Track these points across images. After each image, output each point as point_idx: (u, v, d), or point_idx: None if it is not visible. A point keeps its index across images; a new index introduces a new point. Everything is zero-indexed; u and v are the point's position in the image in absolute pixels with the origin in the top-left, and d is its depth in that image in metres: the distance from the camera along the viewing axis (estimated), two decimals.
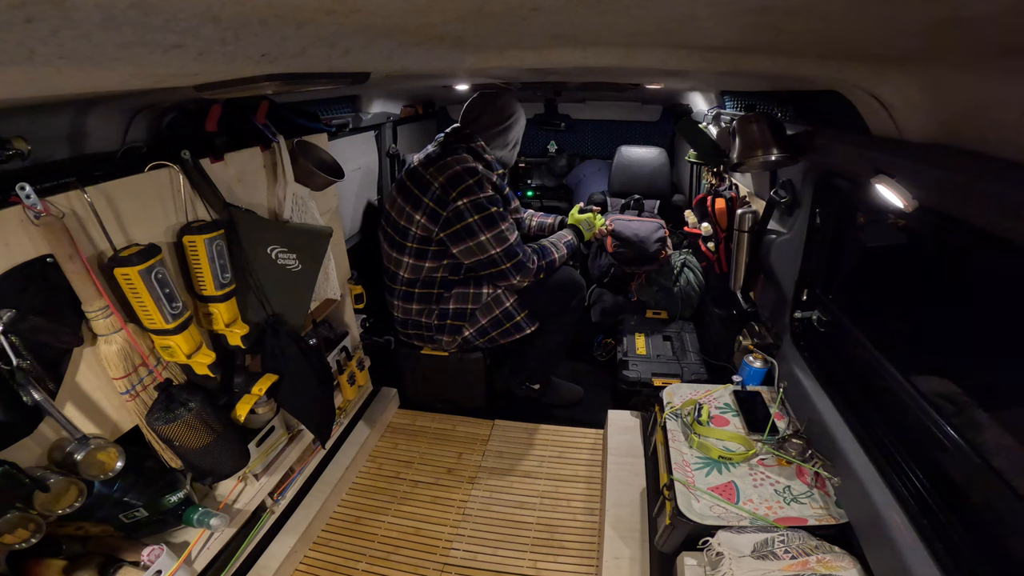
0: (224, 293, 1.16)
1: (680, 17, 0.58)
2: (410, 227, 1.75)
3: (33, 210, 0.84)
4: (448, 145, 1.78)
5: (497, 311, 1.87)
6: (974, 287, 1.04)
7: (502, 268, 1.74)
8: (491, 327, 1.89)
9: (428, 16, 0.56)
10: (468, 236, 1.69)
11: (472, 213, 1.66)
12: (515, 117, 1.88)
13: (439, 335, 1.92)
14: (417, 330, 1.95)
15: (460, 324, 1.90)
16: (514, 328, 1.90)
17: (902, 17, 0.51)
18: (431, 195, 1.68)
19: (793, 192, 1.46)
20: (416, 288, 1.86)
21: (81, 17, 0.36)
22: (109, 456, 0.98)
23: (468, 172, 1.67)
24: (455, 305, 1.87)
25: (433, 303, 1.89)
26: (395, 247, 1.83)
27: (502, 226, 1.70)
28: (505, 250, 1.72)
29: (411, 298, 1.89)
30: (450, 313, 1.88)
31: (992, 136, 0.75)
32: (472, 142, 1.80)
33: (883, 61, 0.79)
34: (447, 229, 1.70)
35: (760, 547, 1.07)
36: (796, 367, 1.45)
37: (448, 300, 1.88)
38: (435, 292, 1.87)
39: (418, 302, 1.89)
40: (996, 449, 0.89)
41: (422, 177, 1.71)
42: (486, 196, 1.68)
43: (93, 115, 1.04)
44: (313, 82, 0.87)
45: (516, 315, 1.88)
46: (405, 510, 1.75)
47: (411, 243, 1.77)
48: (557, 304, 1.92)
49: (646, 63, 0.95)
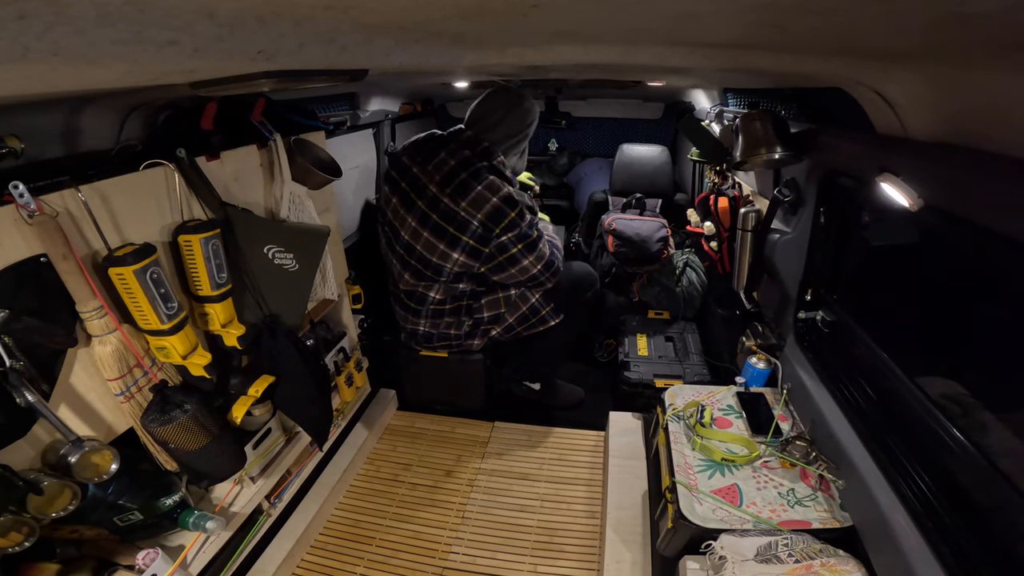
0: (220, 293, 1.15)
1: (682, 13, 0.57)
2: (445, 264, 1.67)
3: (27, 209, 0.83)
4: (468, 163, 1.61)
5: (524, 308, 1.87)
6: (981, 287, 1.03)
7: (541, 280, 1.76)
8: (517, 323, 1.89)
9: (428, 12, 0.55)
10: (511, 265, 1.68)
11: (516, 243, 1.64)
12: (535, 123, 1.81)
13: (469, 340, 1.91)
14: (445, 342, 1.92)
15: (491, 327, 1.90)
16: (539, 322, 1.89)
17: (907, 14, 0.50)
18: (471, 234, 1.60)
19: (797, 191, 1.44)
20: (447, 305, 1.82)
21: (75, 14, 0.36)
22: (103, 458, 0.98)
23: (507, 203, 1.58)
24: (489, 312, 1.85)
25: (463, 315, 1.86)
26: (422, 278, 1.75)
27: (540, 245, 1.70)
28: (545, 265, 1.73)
29: (441, 315, 1.85)
30: (484, 320, 1.87)
31: (999, 134, 0.74)
32: (492, 158, 1.65)
33: (888, 58, 0.78)
34: (489, 263, 1.68)
35: (764, 551, 1.06)
36: (800, 368, 1.43)
37: (480, 309, 1.85)
38: (464, 304, 1.84)
39: (448, 316, 1.85)
40: (1003, 451, 0.88)
41: (455, 214, 1.59)
42: (527, 224, 1.64)
43: (87, 113, 1.03)
44: (310, 79, 0.86)
45: (542, 309, 1.88)
46: (404, 513, 1.74)
47: (446, 278, 1.72)
48: (572, 298, 1.92)
49: (648, 60, 0.94)
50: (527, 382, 2.20)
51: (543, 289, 1.84)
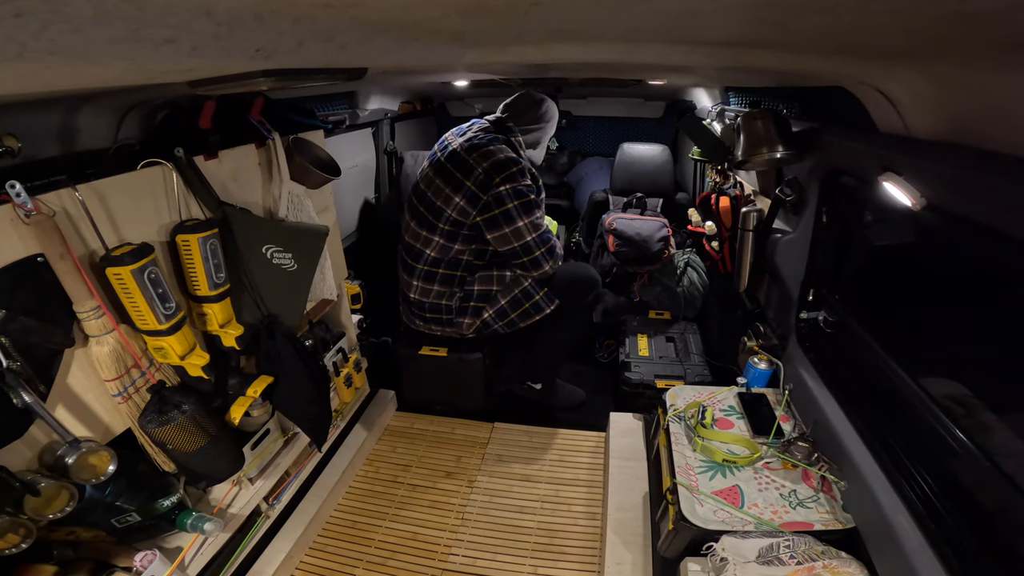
0: (218, 293, 1.14)
1: (683, 12, 0.57)
2: (446, 208, 1.76)
3: (23, 208, 0.82)
4: (487, 131, 1.84)
5: (516, 291, 1.88)
6: (983, 287, 1.02)
7: (535, 255, 1.78)
8: (511, 308, 1.89)
9: (427, 10, 0.54)
10: (506, 222, 1.72)
11: (513, 199, 1.70)
12: (553, 121, 1.96)
13: (459, 317, 1.91)
14: (436, 313, 1.93)
15: (482, 306, 1.90)
16: (534, 308, 1.89)
17: (908, 12, 0.50)
18: (474, 179, 1.71)
19: (799, 190, 1.44)
20: (440, 269, 1.86)
21: (72, 12, 0.36)
22: (101, 459, 0.97)
23: (512, 160, 1.72)
24: (480, 287, 1.88)
25: (455, 286, 1.89)
26: (425, 225, 1.83)
27: (537, 213, 1.76)
28: (540, 236, 1.77)
29: (433, 279, 1.88)
30: (474, 295, 1.89)
31: (1002, 133, 0.74)
32: (511, 136, 1.85)
33: (890, 57, 0.78)
34: (485, 213, 1.73)
35: (765, 552, 1.05)
36: (802, 369, 1.43)
37: (472, 283, 1.89)
38: (459, 275, 1.87)
39: (440, 284, 1.88)
40: (1006, 452, 0.87)
41: (465, 161, 1.74)
42: (526, 184, 1.73)
43: (85, 112, 1.02)
44: (309, 78, 0.86)
45: (536, 294, 1.88)
46: (403, 514, 1.73)
47: (444, 224, 1.78)
48: (572, 298, 1.91)
49: (649, 59, 0.94)
50: (529, 382, 2.19)
51: (540, 272, 1.84)
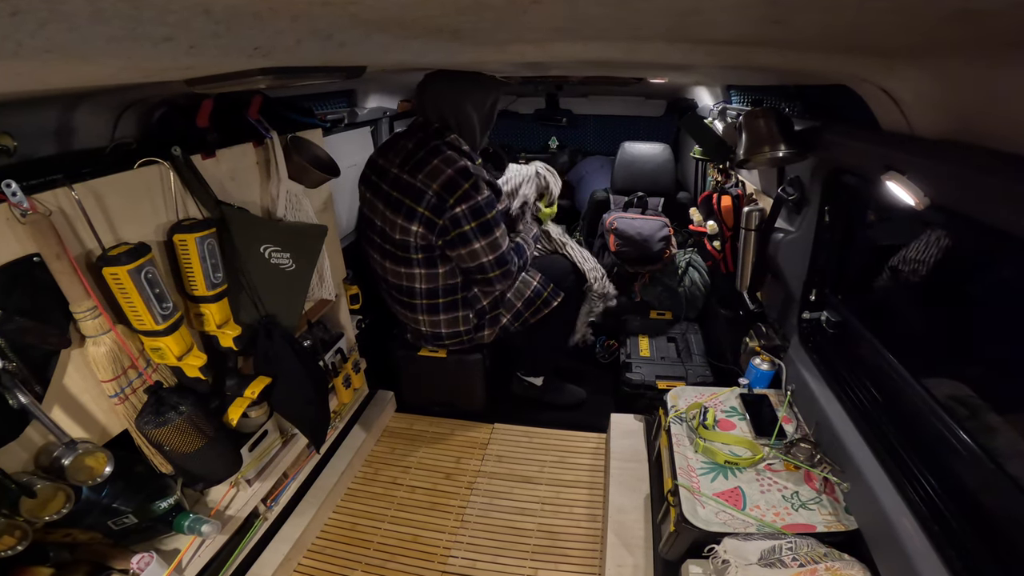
0: (216, 293, 1.14)
1: (685, 10, 0.56)
2: (408, 239, 1.66)
3: (19, 208, 0.82)
4: (423, 143, 1.64)
5: (528, 292, 1.89)
6: (987, 286, 1.02)
7: (490, 276, 1.72)
8: (524, 308, 1.89)
9: (427, 8, 0.54)
10: (462, 244, 1.63)
11: (469, 220, 1.60)
12: (497, 102, 1.78)
13: (480, 332, 1.90)
14: (455, 339, 1.90)
15: (498, 313, 1.90)
16: (543, 304, 1.90)
17: (911, 10, 0.50)
18: (426, 204, 1.58)
19: (801, 189, 1.43)
20: (439, 299, 1.80)
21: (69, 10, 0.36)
22: (97, 461, 0.97)
23: (461, 175, 1.57)
24: (487, 298, 1.86)
25: (461, 309, 1.84)
26: (400, 262, 1.73)
27: (496, 233, 1.66)
28: (497, 258, 1.69)
29: (436, 310, 1.81)
30: (487, 308, 1.87)
31: (1006, 131, 0.73)
32: (444, 136, 1.66)
33: (893, 55, 0.77)
34: (443, 236, 1.65)
35: (767, 554, 1.05)
36: (804, 369, 1.42)
37: (478, 298, 1.85)
38: (459, 297, 1.81)
39: (445, 312, 1.82)
40: (1010, 454, 0.87)
41: (411, 186, 1.60)
42: (483, 199, 1.61)
43: (81, 110, 1.01)
44: (307, 76, 0.85)
45: (544, 290, 1.90)
46: (402, 516, 1.72)
47: (416, 254, 1.69)
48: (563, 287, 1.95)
49: (650, 57, 0.93)
50: (529, 377, 2.18)
51: (492, 290, 1.81)
